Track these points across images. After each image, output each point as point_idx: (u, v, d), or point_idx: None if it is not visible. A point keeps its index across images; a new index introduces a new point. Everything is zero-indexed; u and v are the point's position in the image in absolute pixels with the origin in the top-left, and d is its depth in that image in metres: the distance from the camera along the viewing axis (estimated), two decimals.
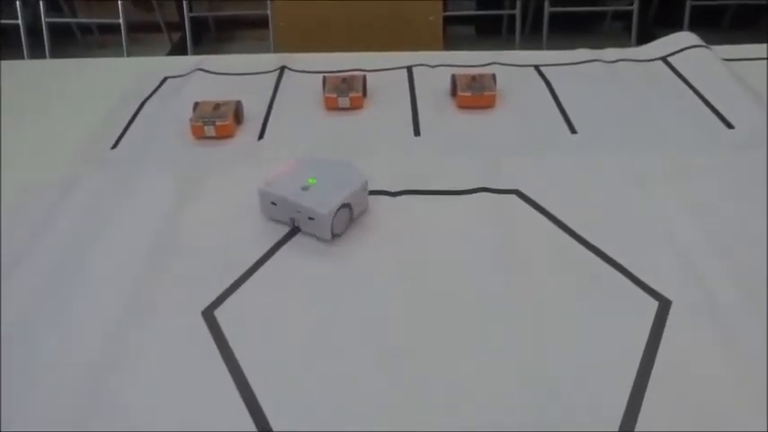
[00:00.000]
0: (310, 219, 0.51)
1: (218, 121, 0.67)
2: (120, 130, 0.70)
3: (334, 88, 0.73)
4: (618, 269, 0.49)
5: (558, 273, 0.49)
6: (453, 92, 0.74)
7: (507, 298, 0.46)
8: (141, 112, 0.74)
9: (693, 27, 2.23)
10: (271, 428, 0.38)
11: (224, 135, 0.68)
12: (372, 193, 0.56)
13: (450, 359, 0.42)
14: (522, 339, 0.43)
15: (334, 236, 0.52)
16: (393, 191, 0.58)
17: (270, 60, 0.87)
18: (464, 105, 0.72)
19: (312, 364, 0.42)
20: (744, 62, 0.82)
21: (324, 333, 0.44)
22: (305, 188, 0.52)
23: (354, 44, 0.93)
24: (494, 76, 0.74)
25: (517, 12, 2.20)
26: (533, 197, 0.57)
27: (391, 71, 0.82)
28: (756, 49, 0.86)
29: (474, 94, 0.71)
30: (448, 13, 2.03)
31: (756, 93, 0.73)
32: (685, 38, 0.87)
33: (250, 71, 0.84)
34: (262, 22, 2.13)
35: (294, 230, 0.53)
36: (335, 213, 0.51)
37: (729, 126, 0.67)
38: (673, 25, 2.10)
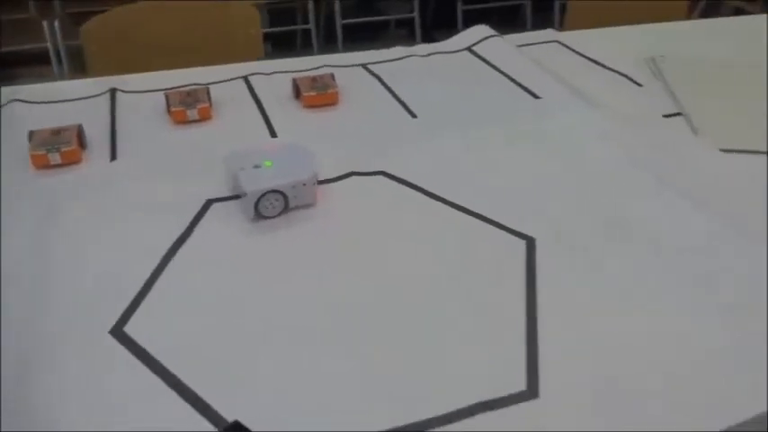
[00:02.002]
0: (243, 195, 0.54)
1: (63, 147, 0.64)
2: None
3: (180, 102, 0.73)
4: (482, 219, 0.56)
5: (438, 235, 0.55)
6: (297, 94, 0.78)
7: (398, 270, 0.51)
8: None
9: (466, 26, 2.50)
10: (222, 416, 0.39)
11: (71, 161, 0.64)
12: None
13: (351, 344, 0.46)
14: (411, 312, 0.48)
15: (259, 216, 0.55)
16: None
17: (93, 85, 0.83)
18: (310, 105, 0.76)
19: (231, 356, 0.43)
20: (529, 47, 0.96)
21: (234, 329, 0.46)
22: (256, 167, 0.55)
23: (176, 64, 0.91)
24: (332, 75, 0.79)
25: (311, 25, 2.29)
26: (397, 174, 0.63)
27: (228, 82, 0.84)
28: (533, 36, 1.02)
29: (318, 93, 0.75)
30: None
31: (547, 69, 0.86)
32: (482, 30, 1.00)
33: (72, 97, 0.80)
34: (42, 58, 1.97)
35: (183, 235, 0.54)
36: (261, 196, 0.54)
37: (536, 97, 0.79)
38: (449, 26, 2.33)
